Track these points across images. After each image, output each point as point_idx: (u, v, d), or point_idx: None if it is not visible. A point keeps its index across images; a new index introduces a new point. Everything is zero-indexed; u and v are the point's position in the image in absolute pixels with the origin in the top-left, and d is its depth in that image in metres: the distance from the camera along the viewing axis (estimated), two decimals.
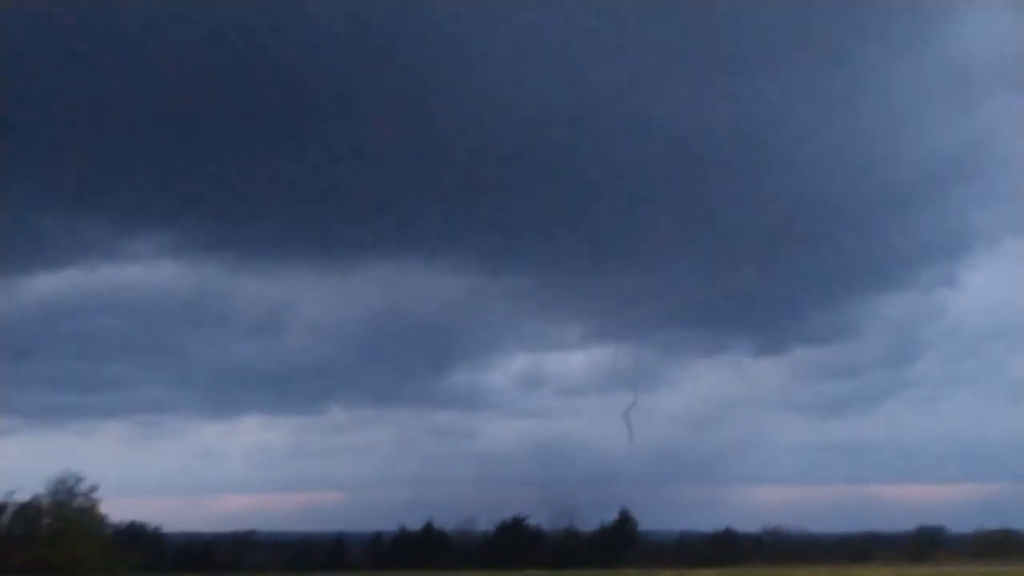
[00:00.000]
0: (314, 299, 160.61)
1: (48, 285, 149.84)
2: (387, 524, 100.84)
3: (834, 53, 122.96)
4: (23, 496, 68.47)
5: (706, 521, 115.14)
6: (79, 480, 67.76)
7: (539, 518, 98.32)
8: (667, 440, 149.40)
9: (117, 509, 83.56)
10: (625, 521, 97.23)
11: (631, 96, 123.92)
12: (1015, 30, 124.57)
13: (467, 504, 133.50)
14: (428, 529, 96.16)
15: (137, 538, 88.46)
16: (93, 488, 68.21)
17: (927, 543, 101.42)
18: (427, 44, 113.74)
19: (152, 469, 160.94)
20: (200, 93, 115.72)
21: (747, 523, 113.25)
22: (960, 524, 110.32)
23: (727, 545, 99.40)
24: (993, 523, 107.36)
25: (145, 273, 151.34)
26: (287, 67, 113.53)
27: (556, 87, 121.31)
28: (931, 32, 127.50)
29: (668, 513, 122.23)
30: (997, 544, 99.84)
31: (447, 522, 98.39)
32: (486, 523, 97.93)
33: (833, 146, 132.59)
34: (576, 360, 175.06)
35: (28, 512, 68.36)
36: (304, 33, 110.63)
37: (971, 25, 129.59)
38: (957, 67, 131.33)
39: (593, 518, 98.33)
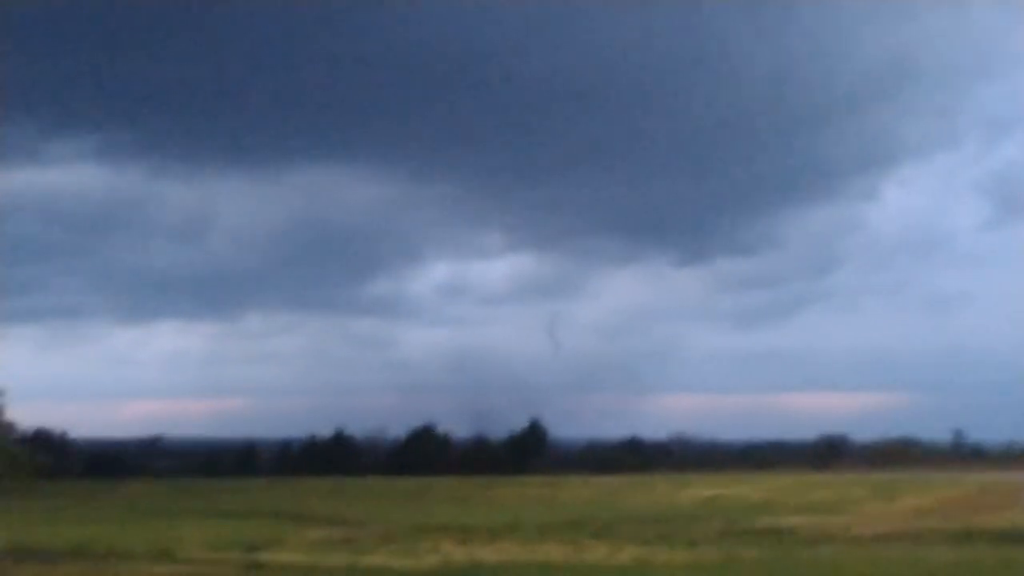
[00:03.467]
0: (236, 206, 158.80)
1: None
2: (299, 432, 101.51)
3: None
4: None
5: (616, 429, 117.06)
6: None
7: (451, 426, 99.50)
8: (583, 349, 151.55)
9: (25, 415, 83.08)
10: (535, 429, 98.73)
11: (559, 12, 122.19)
12: None
13: (381, 412, 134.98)
14: (338, 436, 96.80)
15: (44, 444, 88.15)
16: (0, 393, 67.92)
17: (828, 451, 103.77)
18: None
19: (63, 374, 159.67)
20: None
21: (656, 431, 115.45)
22: (863, 433, 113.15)
23: (634, 452, 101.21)
24: (894, 432, 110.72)
25: (66, 177, 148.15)
26: None
27: (486, 4, 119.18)
28: None
29: (579, 421, 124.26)
30: (897, 452, 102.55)
31: (359, 430, 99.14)
32: (398, 431, 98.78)
33: (762, 60, 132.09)
34: (497, 269, 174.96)
35: None
36: None
37: None
38: None
39: (505, 426, 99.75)
